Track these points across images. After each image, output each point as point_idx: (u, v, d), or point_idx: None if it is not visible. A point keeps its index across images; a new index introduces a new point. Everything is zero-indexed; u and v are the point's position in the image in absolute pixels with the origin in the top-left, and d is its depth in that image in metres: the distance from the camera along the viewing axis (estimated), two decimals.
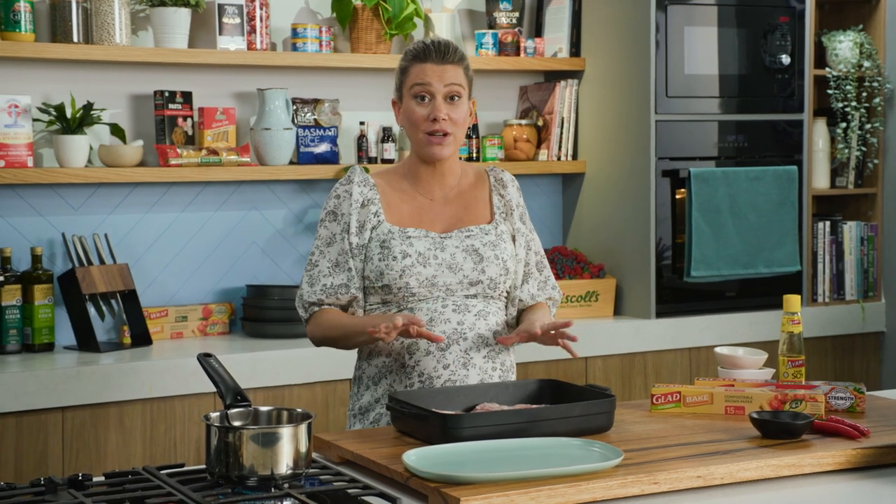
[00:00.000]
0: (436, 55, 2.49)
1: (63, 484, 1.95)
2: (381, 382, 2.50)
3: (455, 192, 2.57)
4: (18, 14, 3.47)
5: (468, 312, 2.49)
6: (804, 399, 2.33)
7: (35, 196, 3.62)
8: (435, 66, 2.48)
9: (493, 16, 4.26)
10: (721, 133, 4.21)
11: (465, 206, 2.57)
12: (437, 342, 2.40)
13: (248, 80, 3.91)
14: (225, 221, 3.89)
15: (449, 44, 2.52)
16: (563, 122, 4.29)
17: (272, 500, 1.85)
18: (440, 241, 2.50)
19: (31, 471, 3.18)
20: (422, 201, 2.55)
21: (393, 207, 2.53)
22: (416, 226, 2.51)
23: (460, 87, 2.49)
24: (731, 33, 4.19)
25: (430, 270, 2.46)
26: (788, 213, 4.23)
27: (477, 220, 2.56)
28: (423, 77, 2.48)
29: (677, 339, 4.10)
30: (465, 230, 2.53)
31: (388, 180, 2.57)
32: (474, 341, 2.48)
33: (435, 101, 2.48)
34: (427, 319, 2.45)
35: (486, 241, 2.52)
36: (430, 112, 2.48)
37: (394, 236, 2.48)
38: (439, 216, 2.54)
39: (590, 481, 1.92)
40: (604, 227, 4.26)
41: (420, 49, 2.51)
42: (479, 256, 2.50)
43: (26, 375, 3.19)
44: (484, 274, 2.50)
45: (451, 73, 2.49)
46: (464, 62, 2.52)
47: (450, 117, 2.48)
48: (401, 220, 2.52)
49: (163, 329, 3.73)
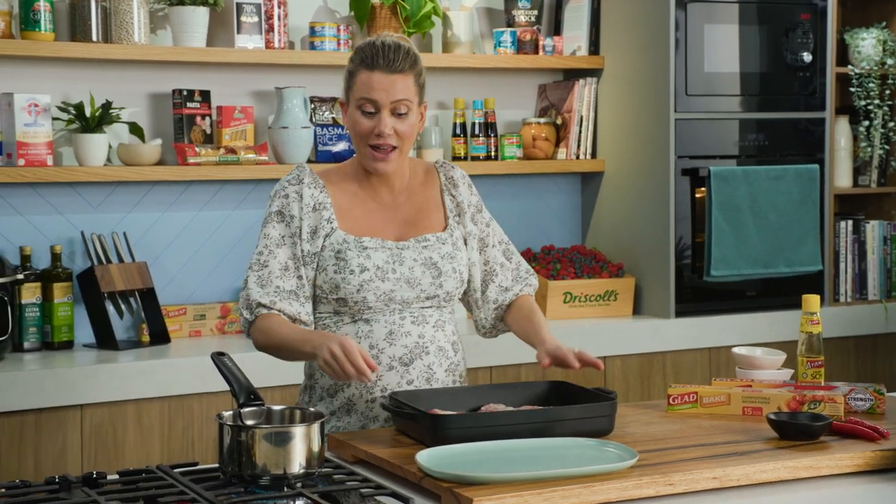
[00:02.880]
0: (384, 63, 2.36)
1: (77, 482, 1.95)
2: (339, 395, 2.43)
3: (405, 196, 2.49)
4: (38, 14, 3.48)
5: (426, 324, 2.43)
6: (823, 400, 2.31)
7: (55, 195, 3.63)
8: (382, 77, 2.35)
9: (512, 14, 4.25)
10: (742, 132, 4.18)
11: (416, 208, 2.49)
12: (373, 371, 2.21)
13: (267, 79, 3.91)
14: (243, 220, 3.89)
15: (399, 48, 2.38)
16: (581, 121, 4.27)
17: (284, 499, 1.85)
18: (398, 253, 2.41)
19: (50, 468, 3.19)
20: (372, 205, 2.46)
21: (345, 212, 2.43)
22: (369, 233, 2.42)
23: (408, 102, 2.38)
24: (752, 31, 4.16)
25: (389, 285, 2.38)
26: (810, 212, 4.20)
27: (431, 226, 2.48)
28: (370, 91, 2.36)
29: (697, 339, 4.07)
30: (422, 239, 2.45)
31: (335, 182, 2.46)
32: (436, 355, 2.43)
33: (380, 114, 2.37)
34: (387, 332, 2.39)
35: (443, 253, 2.45)
36: (375, 126, 2.37)
37: (349, 247, 2.39)
38: (391, 221, 2.46)
39: (604, 482, 1.91)
40: (623, 226, 4.24)
41: (368, 54, 2.38)
42: (438, 271, 2.42)
43: (45, 373, 3.20)
44: (441, 288, 2.43)
45: (399, 86, 2.36)
46: (415, 68, 2.40)
47: (396, 131, 2.38)
48: (354, 226, 2.42)
49: (181, 327, 3.74)
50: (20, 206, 3.59)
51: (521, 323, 2.52)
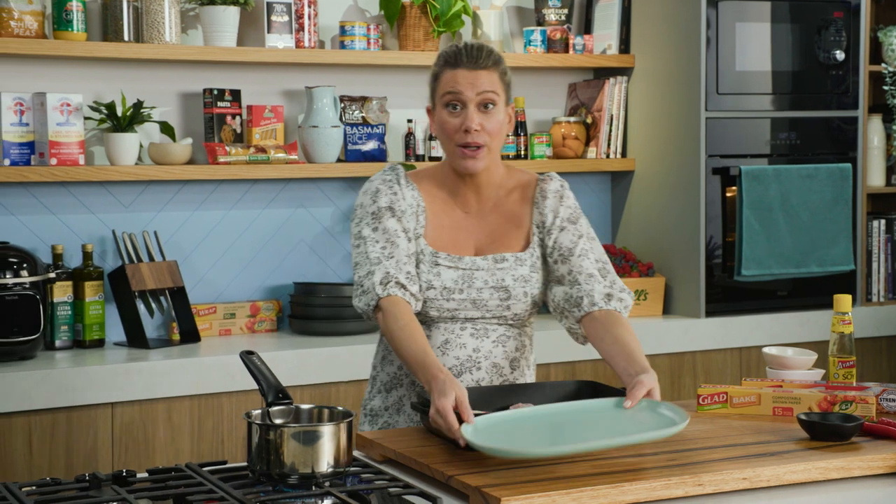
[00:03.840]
0: (467, 60, 2.33)
1: (107, 480, 1.96)
2: (393, 392, 2.45)
3: (492, 205, 2.43)
4: (71, 14, 3.50)
5: (486, 338, 2.39)
6: (854, 400, 2.29)
7: (86, 193, 3.66)
8: (467, 73, 2.33)
9: (542, 13, 4.24)
10: (773, 130, 4.15)
11: (502, 222, 2.42)
12: None
13: (297, 78, 3.92)
14: (273, 219, 3.90)
15: (483, 47, 2.36)
16: (612, 120, 4.25)
17: (312, 498, 1.85)
18: (469, 274, 2.37)
19: (81, 466, 3.21)
20: (459, 215, 2.42)
21: (434, 221, 2.40)
22: (448, 248, 2.38)
23: (494, 94, 2.33)
24: (784, 29, 4.13)
25: (453, 304, 2.36)
26: (842, 212, 4.17)
27: (512, 244, 2.41)
28: (455, 84, 2.33)
29: (727, 339, 4.05)
30: (500, 258, 2.39)
31: (427, 188, 2.43)
32: (487, 371, 2.39)
33: (467, 110, 2.33)
34: (443, 340, 2.38)
35: (517, 275, 2.38)
36: (461, 122, 2.33)
37: (424, 259, 2.37)
38: (474, 232, 2.41)
39: (633, 482, 1.90)
40: (653, 225, 4.22)
41: (451, 54, 2.36)
42: (507, 293, 2.37)
43: (77, 371, 3.22)
44: (509, 310, 2.39)
45: (484, 80, 2.33)
46: (499, 66, 2.36)
47: (483, 127, 2.33)
48: (437, 237, 2.39)
49: (211, 326, 3.75)
50: (52, 206, 3.62)
51: (608, 346, 2.30)
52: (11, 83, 3.55)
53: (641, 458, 2.05)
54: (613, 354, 2.27)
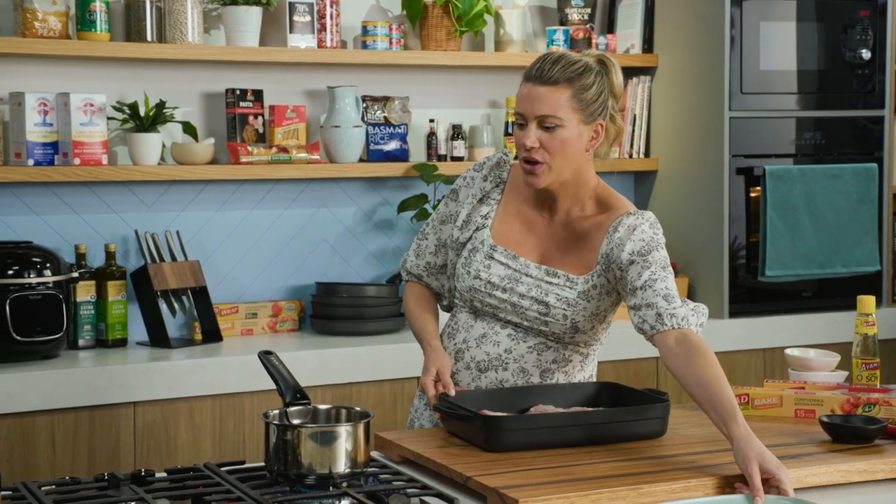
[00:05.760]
0: (536, 74, 2.26)
1: (126, 479, 1.97)
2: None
3: (566, 220, 2.36)
4: (94, 14, 3.52)
5: (523, 342, 2.35)
6: (878, 403, 2.27)
7: (109, 193, 3.67)
8: (532, 88, 2.25)
9: (565, 12, 4.22)
10: (798, 130, 4.12)
11: (573, 239, 2.34)
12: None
13: (319, 78, 3.92)
14: (295, 219, 3.91)
15: (561, 59, 2.27)
16: (635, 120, 4.24)
17: (330, 498, 1.85)
18: (517, 277, 2.33)
19: (103, 465, 3.22)
20: (536, 218, 2.38)
21: (505, 216, 2.39)
22: (512, 245, 2.36)
23: (553, 118, 2.24)
24: (810, 28, 4.10)
25: (494, 301, 2.35)
26: (868, 212, 4.13)
27: (576, 265, 2.33)
28: (520, 101, 2.28)
29: (751, 340, 4.02)
30: (552, 272, 2.32)
31: (516, 185, 2.40)
32: (513, 373, 2.36)
33: (528, 127, 2.27)
34: (481, 334, 2.38)
35: (561, 296, 2.30)
36: (523, 137, 2.27)
37: (482, 248, 2.37)
38: (542, 241, 2.36)
39: (652, 484, 1.88)
40: (676, 225, 4.20)
41: (532, 64, 2.29)
42: (547, 309, 2.30)
43: (99, 370, 3.23)
44: (546, 327, 2.33)
45: (547, 99, 2.24)
46: (575, 81, 2.25)
47: (542, 144, 2.26)
48: (502, 233, 2.38)
49: (233, 326, 3.76)
50: (76, 205, 3.63)
51: (693, 390, 2.13)
52: (35, 83, 3.57)
53: (661, 459, 2.04)
54: (700, 401, 2.10)
